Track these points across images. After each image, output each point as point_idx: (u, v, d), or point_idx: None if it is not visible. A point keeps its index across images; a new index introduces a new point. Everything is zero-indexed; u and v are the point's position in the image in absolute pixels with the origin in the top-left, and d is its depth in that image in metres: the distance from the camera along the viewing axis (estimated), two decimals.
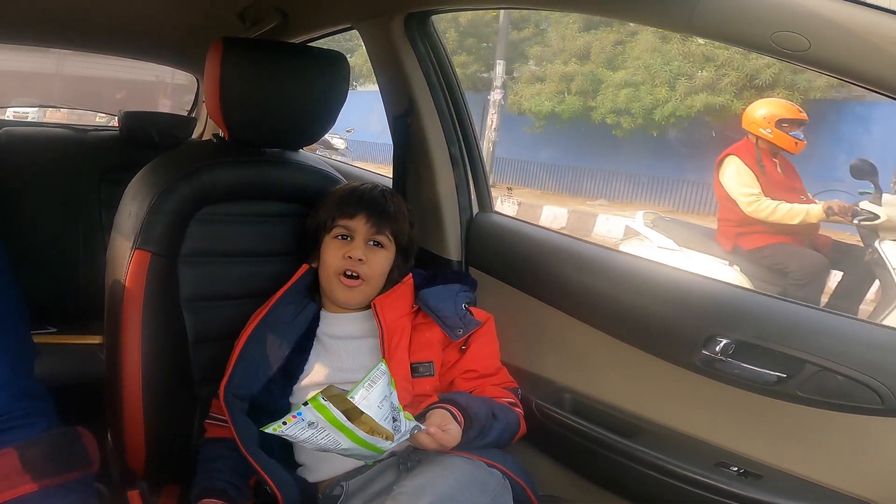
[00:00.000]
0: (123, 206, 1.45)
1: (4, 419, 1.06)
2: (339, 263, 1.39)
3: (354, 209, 1.41)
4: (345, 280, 1.38)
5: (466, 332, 1.40)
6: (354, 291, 1.39)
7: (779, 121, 3.90)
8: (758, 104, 4.15)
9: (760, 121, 3.92)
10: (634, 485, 1.29)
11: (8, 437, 1.04)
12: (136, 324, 1.36)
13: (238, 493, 1.30)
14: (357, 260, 1.38)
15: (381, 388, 1.09)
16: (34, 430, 1.07)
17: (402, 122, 1.71)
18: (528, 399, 1.44)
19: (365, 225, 1.40)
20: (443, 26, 11.33)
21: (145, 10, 2.17)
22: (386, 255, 1.42)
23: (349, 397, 1.06)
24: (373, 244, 1.41)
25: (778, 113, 3.93)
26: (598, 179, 11.93)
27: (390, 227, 1.42)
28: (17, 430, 1.06)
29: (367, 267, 1.39)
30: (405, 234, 1.45)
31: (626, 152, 11.44)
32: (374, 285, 1.41)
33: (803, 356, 1.13)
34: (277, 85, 1.47)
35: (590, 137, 11.86)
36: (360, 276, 1.38)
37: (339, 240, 1.41)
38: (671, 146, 11.21)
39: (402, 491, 1.12)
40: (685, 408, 1.29)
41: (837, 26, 0.89)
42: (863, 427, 1.10)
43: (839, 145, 8.98)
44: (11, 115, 5.34)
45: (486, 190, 1.77)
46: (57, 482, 1.02)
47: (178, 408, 1.45)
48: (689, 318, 1.28)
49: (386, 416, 1.09)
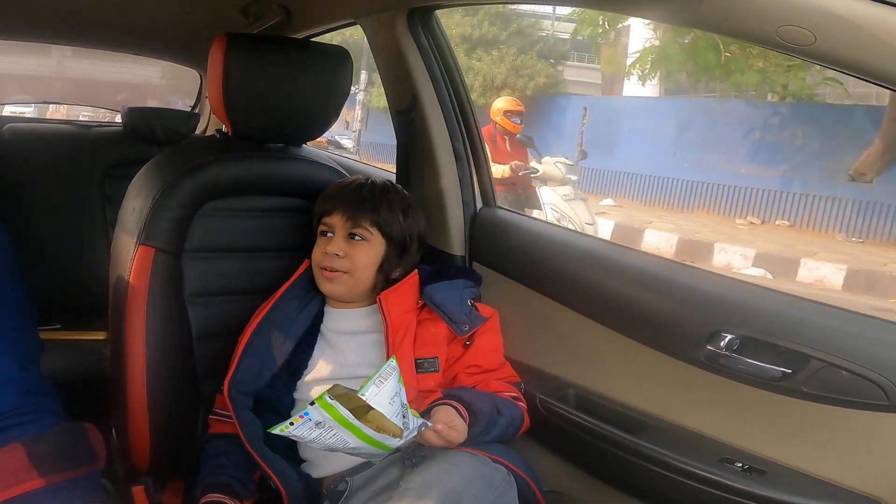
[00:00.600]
0: (127, 202, 1.45)
1: (11, 415, 1.06)
2: (320, 259, 1.39)
3: (332, 205, 1.40)
4: (326, 273, 1.38)
5: (472, 328, 1.40)
6: (336, 283, 1.38)
7: (505, 111, 5.95)
8: (497, 100, 6.28)
9: (496, 111, 5.97)
10: (638, 480, 1.29)
11: (15, 433, 1.04)
12: (141, 320, 1.36)
13: (243, 489, 1.30)
14: (333, 255, 1.37)
15: (392, 385, 1.08)
16: (41, 427, 1.07)
17: (406, 118, 1.71)
18: (531, 394, 1.44)
19: (341, 219, 1.39)
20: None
21: (148, 6, 2.17)
22: (368, 248, 1.39)
23: (360, 394, 1.06)
24: (355, 238, 1.39)
25: (505, 106, 6.00)
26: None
27: (369, 217, 1.39)
28: (25, 426, 1.06)
29: (347, 261, 1.37)
30: (393, 225, 1.41)
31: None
32: (359, 277, 1.39)
33: (808, 352, 1.12)
34: (280, 80, 1.47)
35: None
36: (337, 270, 1.38)
37: (323, 236, 1.41)
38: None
39: (409, 487, 1.11)
40: (689, 403, 1.29)
41: (843, 20, 0.89)
42: (868, 423, 1.09)
43: (549, 128, 13.24)
44: (9, 112, 5.35)
45: (490, 185, 1.76)
46: (63, 478, 1.02)
47: (182, 403, 1.45)
48: (693, 314, 1.28)
49: (397, 412, 1.09)
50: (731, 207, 10.82)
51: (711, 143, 11.15)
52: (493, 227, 1.69)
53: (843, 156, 9.51)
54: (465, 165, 1.71)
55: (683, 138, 11.58)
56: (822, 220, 9.66)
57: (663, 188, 11.79)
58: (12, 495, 0.98)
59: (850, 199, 9.34)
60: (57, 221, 2.51)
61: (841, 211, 9.48)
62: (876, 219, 9.05)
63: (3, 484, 0.98)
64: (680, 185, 11.53)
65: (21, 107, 5.99)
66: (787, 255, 7.66)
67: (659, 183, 11.85)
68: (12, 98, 4.81)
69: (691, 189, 11.35)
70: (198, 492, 1.29)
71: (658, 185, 11.86)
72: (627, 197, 12.16)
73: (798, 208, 9.98)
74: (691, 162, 11.35)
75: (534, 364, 1.53)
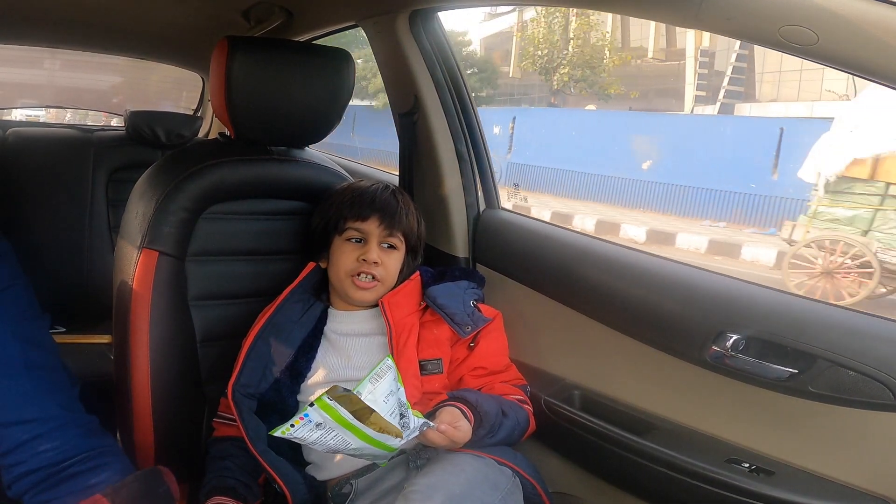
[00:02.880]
0: (131, 206, 1.45)
1: (79, 460, 1.05)
2: (353, 266, 1.39)
3: (367, 211, 1.40)
4: (359, 282, 1.38)
5: (475, 328, 1.40)
6: (370, 292, 1.40)
7: None
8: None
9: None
10: (645, 481, 1.28)
11: (89, 481, 1.03)
12: (145, 323, 1.36)
13: (248, 492, 1.30)
14: (372, 263, 1.38)
15: (387, 383, 1.08)
16: (112, 471, 1.05)
17: (408, 120, 1.71)
18: (537, 396, 1.44)
19: (378, 227, 1.40)
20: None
21: (150, 10, 2.17)
22: (398, 256, 1.43)
23: (355, 391, 1.06)
24: (386, 246, 1.41)
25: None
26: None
27: (402, 228, 1.42)
28: (95, 472, 1.05)
29: (382, 269, 1.39)
30: (414, 234, 1.45)
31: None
32: (388, 285, 1.41)
33: (815, 352, 1.12)
34: (283, 83, 1.47)
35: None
36: (376, 278, 1.38)
37: (351, 242, 1.41)
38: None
39: (414, 489, 1.11)
40: (695, 404, 1.29)
41: (846, 20, 0.88)
42: (875, 422, 1.09)
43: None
44: (24, 117, 5.36)
45: (493, 186, 1.76)
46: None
47: (186, 407, 1.45)
48: (699, 314, 1.27)
49: (392, 410, 1.09)
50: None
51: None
52: (497, 229, 1.69)
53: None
54: (467, 167, 1.71)
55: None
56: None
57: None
58: None
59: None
60: (61, 225, 2.52)
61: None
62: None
63: None
64: None
65: (33, 111, 6.02)
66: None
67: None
68: (20, 102, 4.85)
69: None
70: (203, 494, 1.29)
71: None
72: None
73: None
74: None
75: (538, 365, 1.53)
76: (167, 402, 1.39)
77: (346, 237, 1.41)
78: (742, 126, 11.98)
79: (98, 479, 1.04)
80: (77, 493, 1.02)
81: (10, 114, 4.12)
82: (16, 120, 3.59)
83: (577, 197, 12.71)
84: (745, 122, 12.62)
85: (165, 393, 1.39)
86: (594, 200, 12.45)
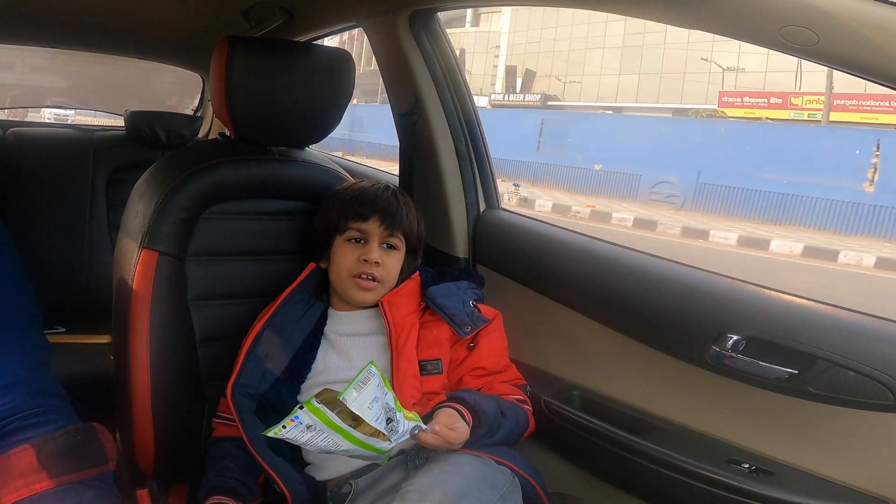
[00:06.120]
0: (131, 206, 1.45)
1: (22, 416, 1.06)
2: (353, 266, 1.39)
3: (368, 211, 1.40)
4: (360, 282, 1.38)
5: (474, 328, 1.40)
6: (372, 293, 1.40)
7: None
8: None
9: None
10: (644, 482, 1.28)
11: (25, 435, 1.04)
12: (145, 323, 1.36)
13: (247, 491, 1.30)
14: (373, 263, 1.38)
15: (371, 390, 1.08)
16: (51, 428, 1.06)
17: (409, 120, 1.71)
18: (536, 396, 1.44)
19: (379, 227, 1.40)
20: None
21: (150, 10, 2.17)
22: (399, 256, 1.43)
23: (341, 398, 1.06)
24: (386, 246, 1.41)
25: None
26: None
27: (402, 228, 1.42)
28: (35, 427, 1.05)
29: (383, 269, 1.39)
30: (415, 234, 1.45)
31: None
32: (388, 285, 1.41)
33: (814, 352, 1.12)
34: (283, 83, 1.47)
35: None
36: (377, 279, 1.38)
37: (352, 242, 1.41)
38: None
39: (411, 489, 1.11)
40: (695, 404, 1.29)
41: (847, 20, 0.88)
42: (875, 423, 1.09)
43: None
44: (53, 117, 5.35)
45: (494, 187, 1.76)
46: (74, 479, 1.02)
47: (186, 407, 1.45)
48: (698, 315, 1.27)
49: (377, 416, 1.09)
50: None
51: None
52: (497, 229, 1.69)
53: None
54: (468, 167, 1.71)
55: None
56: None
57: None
58: (21, 497, 0.98)
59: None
60: (61, 225, 2.52)
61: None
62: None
63: (13, 486, 0.98)
64: None
65: (62, 111, 6.02)
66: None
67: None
68: (51, 101, 4.86)
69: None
70: (202, 494, 1.29)
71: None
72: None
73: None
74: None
75: (538, 366, 1.53)
76: (167, 402, 1.39)
77: (347, 237, 1.41)
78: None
79: (35, 433, 1.04)
80: (7, 447, 1.02)
81: (40, 113, 4.11)
82: (45, 121, 3.58)
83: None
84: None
85: (165, 393, 1.39)
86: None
